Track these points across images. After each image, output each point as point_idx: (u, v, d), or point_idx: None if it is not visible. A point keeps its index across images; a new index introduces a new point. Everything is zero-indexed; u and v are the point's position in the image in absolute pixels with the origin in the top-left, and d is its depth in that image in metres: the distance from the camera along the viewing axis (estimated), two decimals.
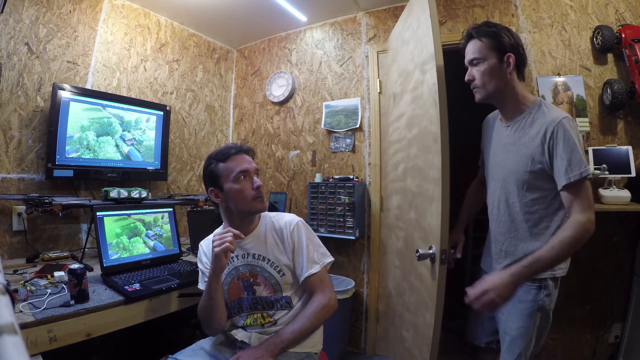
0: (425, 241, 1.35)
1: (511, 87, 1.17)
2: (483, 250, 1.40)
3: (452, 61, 1.72)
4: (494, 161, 1.27)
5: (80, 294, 1.11)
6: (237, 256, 1.22)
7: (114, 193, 1.70)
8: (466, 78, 1.21)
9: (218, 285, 1.14)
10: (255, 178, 1.19)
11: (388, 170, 2.18)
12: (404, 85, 1.74)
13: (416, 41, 1.50)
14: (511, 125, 1.20)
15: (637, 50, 1.60)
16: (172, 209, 1.75)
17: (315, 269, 1.18)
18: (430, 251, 1.24)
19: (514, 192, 1.16)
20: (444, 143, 1.20)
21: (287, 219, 1.24)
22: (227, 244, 1.05)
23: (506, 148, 1.20)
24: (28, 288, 1.17)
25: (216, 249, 1.06)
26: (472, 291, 1.03)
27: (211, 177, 1.18)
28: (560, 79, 1.86)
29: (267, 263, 1.20)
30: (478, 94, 1.20)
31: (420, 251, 1.25)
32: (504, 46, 1.13)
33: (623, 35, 1.67)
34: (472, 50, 1.18)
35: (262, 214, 1.28)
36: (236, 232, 1.09)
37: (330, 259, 1.24)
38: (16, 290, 1.12)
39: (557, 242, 1.00)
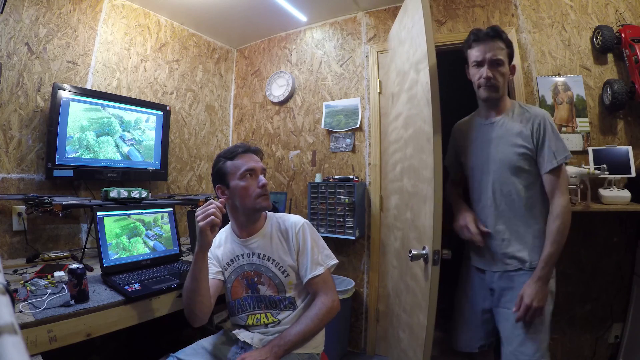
0: (419, 241, 1.34)
1: (505, 90, 1.32)
2: (470, 252, 1.39)
3: (450, 61, 1.72)
4: (482, 156, 1.32)
5: (80, 294, 1.10)
6: (242, 255, 1.23)
7: (114, 193, 1.70)
8: (486, 75, 1.26)
9: (204, 264, 1.09)
10: (261, 176, 1.19)
11: (387, 170, 2.18)
12: (400, 85, 1.74)
13: (411, 40, 1.50)
14: (497, 122, 1.31)
15: (637, 50, 1.60)
16: (172, 209, 1.75)
17: (319, 270, 1.19)
18: (424, 252, 1.24)
19: (509, 179, 1.24)
20: (437, 143, 1.20)
21: (293, 220, 1.25)
22: (211, 217, 1.03)
23: (494, 141, 1.29)
24: (28, 288, 1.17)
25: (200, 223, 1.03)
26: (519, 314, 1.17)
27: (219, 174, 1.21)
28: (560, 79, 1.86)
29: (272, 263, 1.20)
30: (490, 92, 1.28)
31: (413, 252, 1.24)
32: (512, 55, 1.31)
33: (623, 35, 1.67)
34: (498, 51, 1.25)
35: (269, 214, 1.29)
36: (219, 204, 1.06)
37: (334, 261, 1.25)
38: (16, 290, 1.12)
39: (555, 234, 1.16)
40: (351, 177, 2.31)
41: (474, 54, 1.28)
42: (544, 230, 1.21)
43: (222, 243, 1.29)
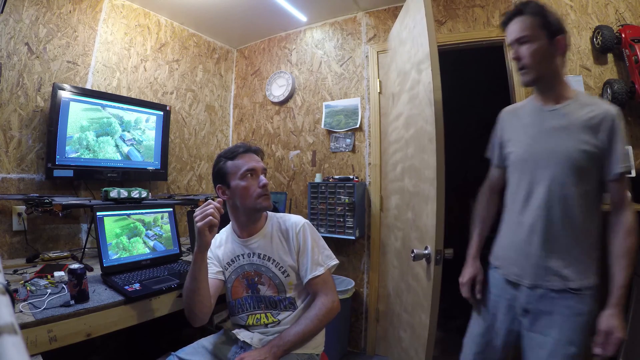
0: (421, 241, 1.34)
1: (559, 71, 1.10)
2: (498, 261, 1.18)
3: (450, 61, 1.72)
4: (534, 149, 1.10)
5: (80, 294, 1.10)
6: (242, 255, 1.23)
7: (114, 193, 1.70)
8: (512, 56, 1.10)
9: (203, 264, 1.10)
10: (261, 176, 1.19)
11: (387, 170, 2.18)
12: (401, 85, 1.74)
13: (412, 41, 1.50)
14: (559, 109, 1.08)
15: (637, 50, 1.60)
16: (172, 209, 1.75)
17: (319, 271, 1.18)
18: (426, 251, 1.24)
19: (568, 180, 1.03)
20: (439, 143, 1.20)
21: (293, 220, 1.25)
22: (209, 217, 1.03)
23: (555, 132, 1.07)
24: (28, 288, 1.16)
25: (199, 224, 1.03)
26: (609, 352, 1.02)
27: (219, 174, 1.21)
28: None
29: (272, 263, 1.20)
30: (527, 76, 1.09)
31: (416, 251, 1.24)
32: (555, 27, 1.06)
33: (623, 35, 1.67)
34: (521, 27, 1.06)
35: (269, 214, 1.29)
36: (217, 204, 1.06)
37: (335, 261, 1.25)
38: (16, 290, 1.12)
39: (632, 253, 1.00)
40: (351, 177, 2.31)
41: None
42: (594, 247, 1.05)
43: (223, 243, 1.30)
